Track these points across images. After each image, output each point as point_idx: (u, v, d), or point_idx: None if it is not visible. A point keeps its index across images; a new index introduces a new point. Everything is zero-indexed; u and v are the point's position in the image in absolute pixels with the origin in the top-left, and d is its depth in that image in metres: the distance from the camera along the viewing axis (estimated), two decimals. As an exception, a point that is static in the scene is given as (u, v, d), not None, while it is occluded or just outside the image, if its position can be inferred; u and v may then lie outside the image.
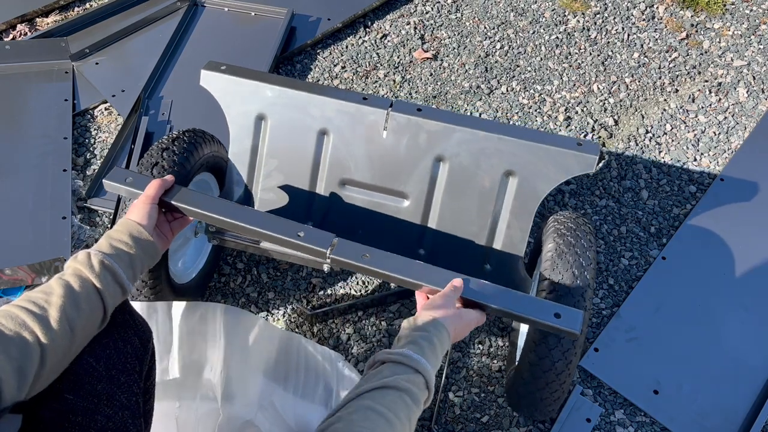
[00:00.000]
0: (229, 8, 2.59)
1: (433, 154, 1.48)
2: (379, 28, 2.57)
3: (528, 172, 1.43)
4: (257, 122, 1.55)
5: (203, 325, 1.45)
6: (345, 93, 1.52)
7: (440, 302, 1.07)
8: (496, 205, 1.47)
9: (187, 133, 1.52)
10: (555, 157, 1.40)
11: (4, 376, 0.81)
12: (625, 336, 1.72)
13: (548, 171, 1.42)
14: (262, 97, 1.53)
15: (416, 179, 1.50)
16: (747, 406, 1.61)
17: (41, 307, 0.91)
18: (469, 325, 1.09)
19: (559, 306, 1.10)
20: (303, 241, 1.21)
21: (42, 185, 1.94)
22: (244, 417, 1.42)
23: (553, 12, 2.65)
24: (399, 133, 1.48)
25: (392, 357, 0.95)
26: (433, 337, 1.00)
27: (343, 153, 1.52)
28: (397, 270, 1.17)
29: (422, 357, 0.96)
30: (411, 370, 0.94)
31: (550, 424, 1.56)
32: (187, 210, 1.25)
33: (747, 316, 1.76)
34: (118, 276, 1.03)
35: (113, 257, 1.04)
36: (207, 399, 1.43)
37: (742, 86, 2.38)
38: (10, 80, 2.25)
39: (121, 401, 0.97)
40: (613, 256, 1.90)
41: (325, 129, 1.51)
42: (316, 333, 1.72)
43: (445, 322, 1.03)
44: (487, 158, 1.44)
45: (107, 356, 0.99)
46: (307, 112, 1.51)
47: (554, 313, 1.09)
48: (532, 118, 2.26)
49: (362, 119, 1.49)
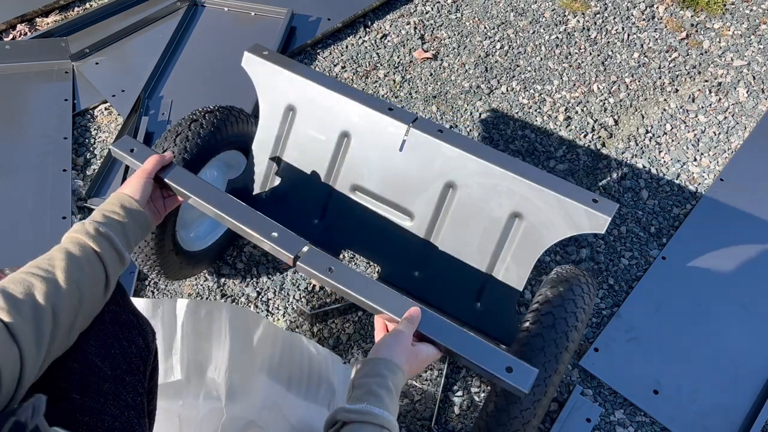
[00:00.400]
0: (229, 8, 2.59)
1: (445, 179, 1.45)
2: (379, 28, 2.57)
3: (536, 219, 1.38)
4: (286, 112, 1.58)
5: (208, 324, 1.45)
6: (374, 100, 1.52)
7: (395, 340, 1.03)
8: (498, 245, 1.43)
9: (221, 109, 1.55)
10: (567, 209, 1.34)
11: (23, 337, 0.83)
12: (625, 336, 1.72)
13: (556, 222, 1.36)
14: (296, 90, 1.56)
15: (424, 201, 1.48)
16: (747, 406, 1.61)
17: (46, 270, 0.93)
18: (425, 361, 1.05)
19: (514, 360, 1.04)
20: (274, 242, 1.21)
21: (42, 185, 1.94)
22: (247, 417, 1.42)
23: (553, 12, 2.65)
24: (415, 152, 1.47)
25: (353, 417, 0.91)
26: (389, 381, 0.97)
27: (359, 159, 1.53)
28: (359, 291, 1.14)
29: (383, 410, 0.92)
30: (377, 427, 0.91)
31: (550, 424, 1.57)
32: (177, 190, 1.27)
33: (747, 316, 1.77)
34: (114, 242, 1.05)
35: (107, 225, 1.06)
36: (211, 398, 1.43)
37: (742, 86, 2.38)
38: (10, 80, 2.25)
39: (126, 401, 0.98)
40: (613, 256, 1.90)
41: (348, 132, 1.53)
42: (316, 333, 1.72)
43: (401, 363, 1.00)
44: (498, 195, 1.40)
45: (112, 357, 1.00)
46: (335, 112, 1.53)
47: (506, 366, 1.03)
48: (532, 118, 2.26)
49: (384, 130, 1.49)
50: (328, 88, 1.52)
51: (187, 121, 1.50)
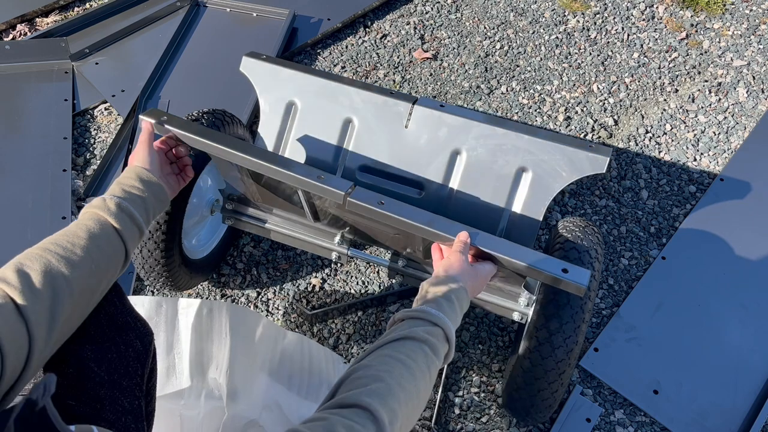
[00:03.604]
0: (230, 9, 2.59)
1: (451, 147, 1.53)
2: (379, 28, 2.57)
3: (541, 170, 1.48)
4: (288, 108, 1.63)
5: (209, 323, 1.45)
6: (373, 86, 1.61)
7: (455, 261, 1.09)
8: (509, 198, 1.51)
9: (207, 113, 1.54)
10: (569, 156, 1.45)
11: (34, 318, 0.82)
12: (624, 336, 1.72)
13: (561, 169, 1.47)
14: (296, 84, 1.61)
15: (433, 170, 1.55)
16: (747, 406, 1.61)
17: (65, 248, 0.92)
18: (485, 278, 1.12)
19: (567, 264, 1.12)
20: (324, 183, 1.23)
21: (42, 185, 1.94)
22: (248, 416, 1.42)
23: (552, 12, 2.66)
24: (421, 125, 1.55)
25: (411, 314, 0.97)
26: (451, 294, 1.02)
27: (365, 141, 1.59)
28: (411, 218, 1.19)
29: (440, 312, 0.97)
30: (429, 323, 0.96)
31: (550, 424, 1.57)
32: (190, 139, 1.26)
33: (747, 316, 1.77)
34: (135, 217, 1.05)
35: (128, 200, 1.06)
36: (212, 397, 1.43)
37: (741, 86, 2.38)
38: (10, 80, 2.25)
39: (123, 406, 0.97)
40: (613, 256, 1.90)
41: (351, 117, 1.59)
42: (316, 333, 1.72)
43: (462, 281, 1.05)
44: (504, 154, 1.50)
45: (109, 361, 0.99)
46: (337, 100, 1.59)
47: (562, 268, 1.11)
48: (532, 118, 2.26)
49: (387, 110, 1.56)
50: (328, 80, 1.58)
51: None
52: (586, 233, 1.33)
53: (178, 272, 1.56)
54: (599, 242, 1.37)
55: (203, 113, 1.55)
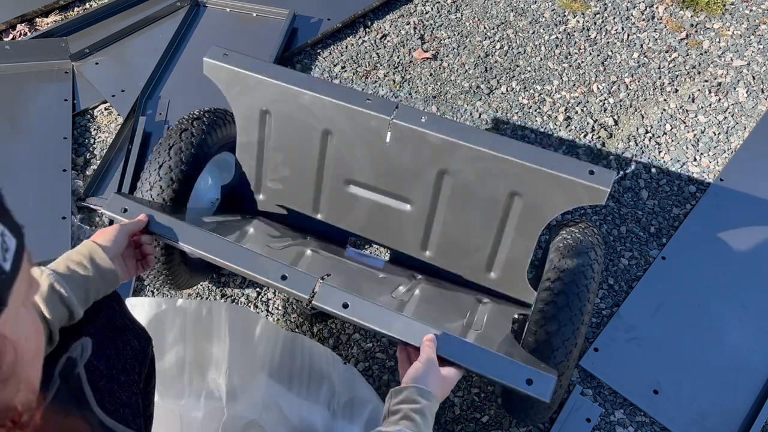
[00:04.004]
0: (230, 9, 2.59)
1: (437, 166, 1.43)
2: (379, 28, 2.57)
3: (534, 197, 1.37)
4: (262, 116, 1.53)
5: (209, 323, 1.45)
6: (347, 93, 1.46)
7: (426, 368, 1.07)
8: (501, 222, 1.44)
9: (208, 113, 1.53)
10: (563, 185, 1.32)
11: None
12: (624, 336, 1.72)
13: (555, 198, 1.35)
14: (266, 93, 1.48)
15: (420, 188, 1.47)
16: (747, 406, 1.61)
17: None
18: (452, 384, 1.11)
19: (532, 371, 1.08)
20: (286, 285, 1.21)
21: (42, 185, 1.94)
22: (248, 416, 1.42)
23: (552, 12, 2.66)
24: (402, 142, 1.43)
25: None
26: (423, 409, 1.00)
27: (346, 154, 1.50)
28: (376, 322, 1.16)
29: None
30: None
31: (550, 424, 1.57)
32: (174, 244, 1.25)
33: (747, 316, 1.77)
34: (65, 299, 0.99)
35: (65, 278, 1.01)
36: (212, 397, 1.43)
37: (741, 86, 2.38)
38: (10, 80, 2.25)
39: (121, 398, 0.98)
40: (613, 256, 1.90)
41: (329, 129, 1.48)
42: (316, 333, 1.72)
43: (434, 390, 1.04)
44: (492, 178, 1.39)
45: (107, 356, 1.01)
46: (310, 111, 1.47)
47: (526, 379, 1.08)
48: (531, 118, 2.26)
49: (365, 124, 1.43)
50: (299, 87, 1.44)
51: (177, 131, 1.48)
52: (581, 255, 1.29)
53: (178, 270, 1.56)
54: (599, 243, 1.37)
55: (204, 112, 1.55)
